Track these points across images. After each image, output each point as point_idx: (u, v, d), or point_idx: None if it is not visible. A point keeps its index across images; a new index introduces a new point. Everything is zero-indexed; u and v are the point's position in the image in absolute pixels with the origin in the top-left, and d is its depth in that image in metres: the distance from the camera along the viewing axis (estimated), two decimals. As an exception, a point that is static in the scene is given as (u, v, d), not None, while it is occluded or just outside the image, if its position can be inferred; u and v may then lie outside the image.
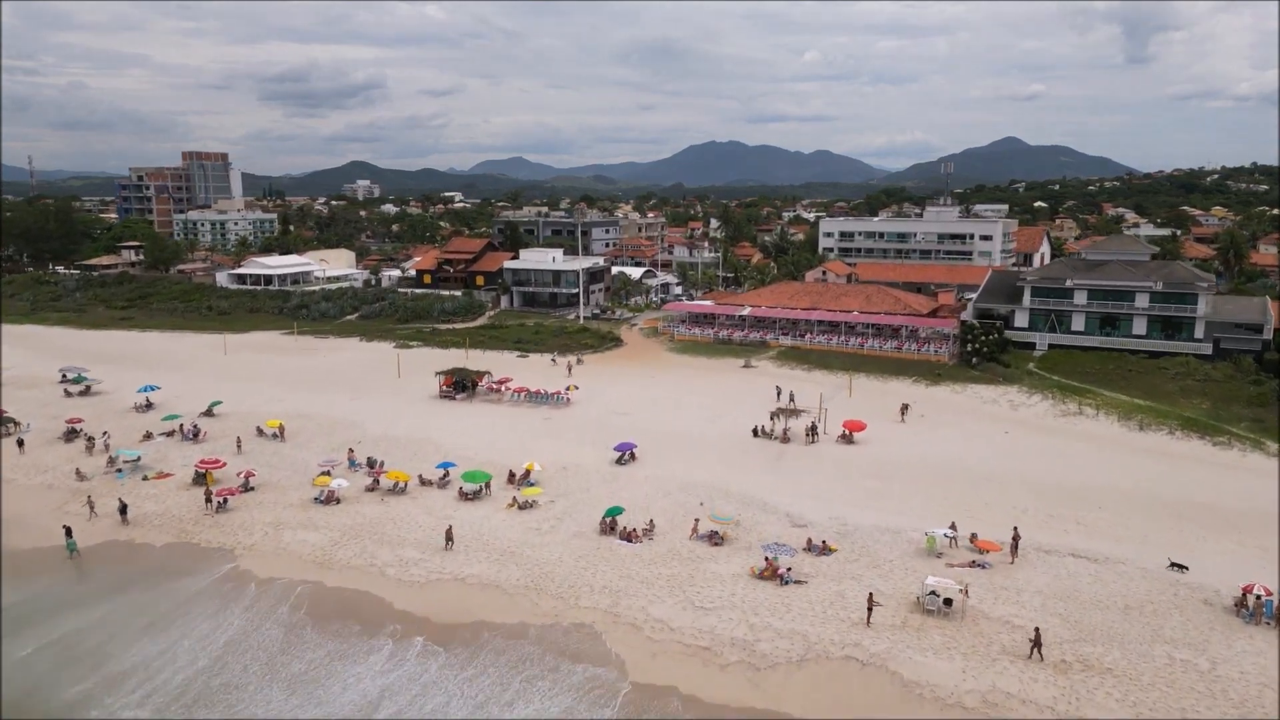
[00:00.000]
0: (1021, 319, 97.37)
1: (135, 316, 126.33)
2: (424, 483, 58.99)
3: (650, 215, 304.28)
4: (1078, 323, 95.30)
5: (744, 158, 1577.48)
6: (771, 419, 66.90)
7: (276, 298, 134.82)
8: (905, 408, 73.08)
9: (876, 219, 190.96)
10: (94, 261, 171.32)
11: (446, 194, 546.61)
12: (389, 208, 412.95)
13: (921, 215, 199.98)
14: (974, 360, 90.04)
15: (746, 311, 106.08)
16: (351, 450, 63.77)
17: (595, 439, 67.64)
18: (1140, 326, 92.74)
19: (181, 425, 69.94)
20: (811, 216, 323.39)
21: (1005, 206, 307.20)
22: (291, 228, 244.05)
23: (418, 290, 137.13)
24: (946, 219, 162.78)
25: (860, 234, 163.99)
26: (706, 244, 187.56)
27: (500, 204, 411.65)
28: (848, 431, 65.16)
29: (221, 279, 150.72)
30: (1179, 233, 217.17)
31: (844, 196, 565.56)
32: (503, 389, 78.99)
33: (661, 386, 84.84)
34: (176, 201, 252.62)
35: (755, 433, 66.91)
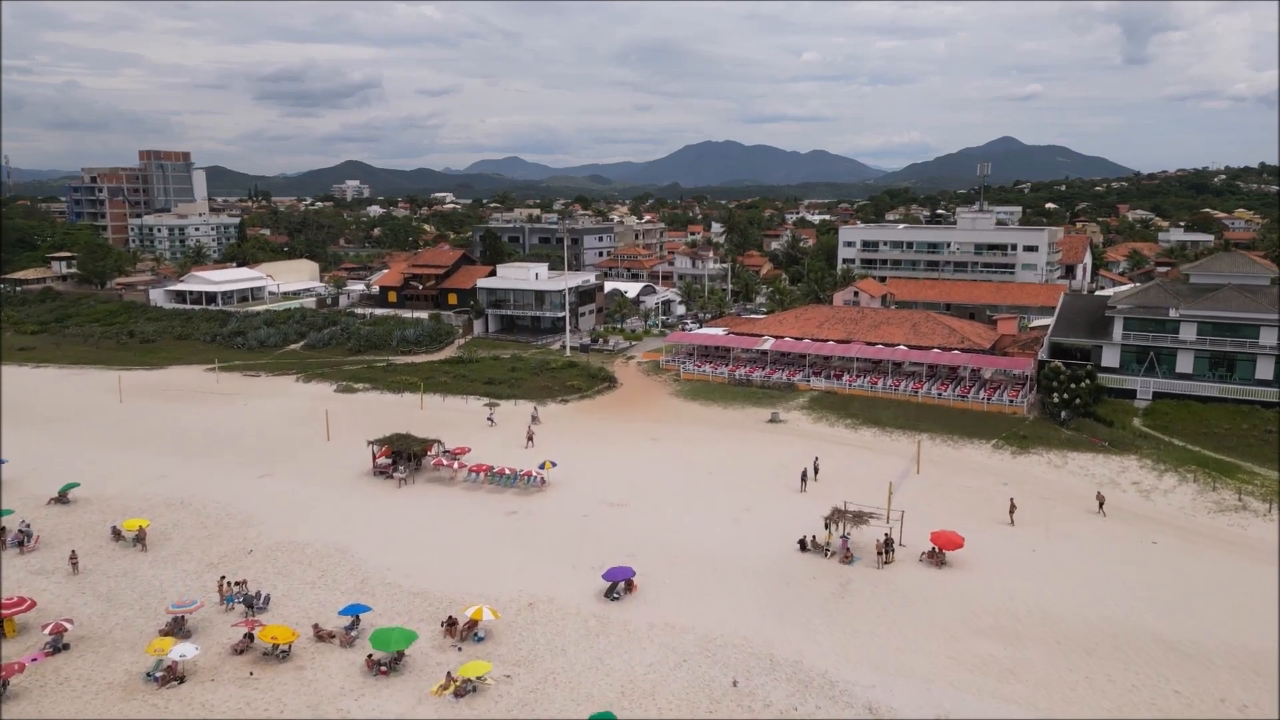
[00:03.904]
0: (1110, 357, 78.30)
1: (39, 346, 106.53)
2: (321, 637, 39.82)
3: (647, 218, 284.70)
4: (1184, 363, 76.40)
5: (740, 157, 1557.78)
6: (826, 527, 47.48)
7: (213, 320, 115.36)
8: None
9: (901, 226, 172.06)
10: (20, 275, 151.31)
11: (436, 195, 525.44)
12: (375, 209, 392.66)
13: (934, 219, 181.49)
14: (1062, 414, 70.99)
15: (768, 345, 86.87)
16: (225, 581, 44.30)
17: (577, 549, 48.53)
18: (1266, 369, 73.77)
19: (4, 528, 50.55)
20: (815, 219, 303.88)
21: (1019, 209, 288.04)
22: (266, 231, 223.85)
23: (379, 311, 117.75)
24: (983, 227, 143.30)
25: (885, 244, 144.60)
26: (711, 254, 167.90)
27: (492, 205, 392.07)
28: (937, 548, 45.67)
29: (156, 296, 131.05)
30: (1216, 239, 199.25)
31: (841, 196, 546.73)
32: (456, 466, 59.42)
33: (667, 455, 65.51)
34: (133, 205, 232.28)
35: (803, 546, 47.53)
